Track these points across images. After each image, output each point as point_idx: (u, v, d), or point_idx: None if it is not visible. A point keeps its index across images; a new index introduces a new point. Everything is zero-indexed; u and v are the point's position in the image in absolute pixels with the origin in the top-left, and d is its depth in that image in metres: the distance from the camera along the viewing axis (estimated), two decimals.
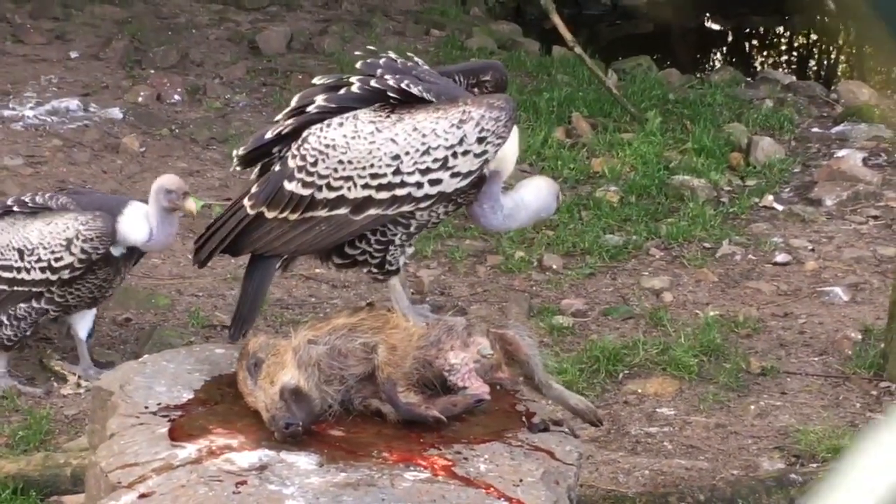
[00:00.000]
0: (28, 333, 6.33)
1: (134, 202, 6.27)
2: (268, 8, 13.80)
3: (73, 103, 10.52)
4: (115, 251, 6.13)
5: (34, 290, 6.18)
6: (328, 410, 4.09)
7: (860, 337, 7.28)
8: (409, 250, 4.76)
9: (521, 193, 4.65)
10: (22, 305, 6.22)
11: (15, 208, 6.25)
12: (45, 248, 6.11)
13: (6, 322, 6.26)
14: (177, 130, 10.09)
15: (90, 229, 6.05)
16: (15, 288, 6.20)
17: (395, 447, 3.99)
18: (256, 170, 4.66)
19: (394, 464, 3.89)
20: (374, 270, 4.57)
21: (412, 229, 4.51)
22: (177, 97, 11.00)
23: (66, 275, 6.11)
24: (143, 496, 3.66)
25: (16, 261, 6.17)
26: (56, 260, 6.09)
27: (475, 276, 8.16)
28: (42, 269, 6.13)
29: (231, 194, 9.15)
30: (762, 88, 12.35)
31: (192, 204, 6.13)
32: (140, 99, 10.85)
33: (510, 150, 4.51)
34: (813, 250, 8.71)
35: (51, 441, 5.92)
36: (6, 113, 10.32)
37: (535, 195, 4.66)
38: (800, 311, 7.74)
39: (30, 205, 6.22)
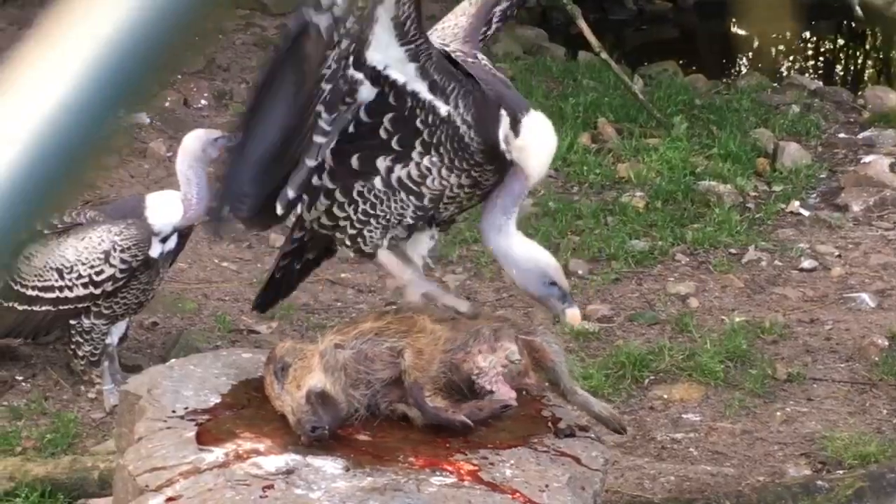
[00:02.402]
0: (108, 342, 6.35)
1: (148, 196, 6.29)
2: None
3: None
4: (154, 252, 6.14)
5: (79, 306, 6.20)
6: (354, 415, 4.10)
7: (887, 343, 7.26)
8: (430, 242, 4.64)
9: (533, 252, 4.31)
10: (84, 321, 6.25)
11: (45, 231, 6.27)
12: (83, 264, 6.12)
13: (80, 340, 6.29)
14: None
15: (126, 238, 6.07)
16: (60, 307, 6.22)
17: (422, 452, 3.99)
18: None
19: (420, 468, 3.90)
20: (348, 244, 4.32)
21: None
22: (203, 102, 11.04)
23: (109, 287, 6.13)
24: (170, 500, 3.68)
25: (56, 280, 6.19)
26: (97, 274, 6.11)
27: (501, 282, 8.16)
28: (84, 285, 6.15)
29: None
30: (789, 94, 12.33)
31: None
32: (167, 104, 10.88)
33: (541, 147, 4.23)
34: (839, 256, 8.69)
35: (78, 444, 5.95)
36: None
37: (532, 265, 4.27)
38: (826, 317, 7.72)
39: (59, 226, 6.24)
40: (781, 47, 16.69)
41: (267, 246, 8.45)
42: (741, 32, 16.70)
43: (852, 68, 16.86)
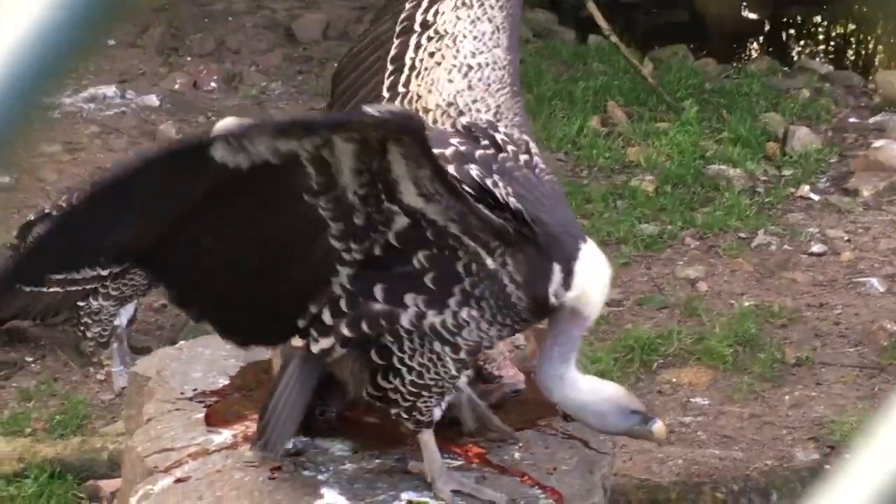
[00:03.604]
0: (116, 323, 6.36)
1: None
2: None
3: (111, 90, 10.56)
4: None
5: (87, 287, 6.21)
6: (362, 397, 4.10)
7: None
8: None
9: (600, 390, 3.79)
10: (92, 302, 6.25)
11: (53, 213, 6.28)
12: None
13: (88, 321, 6.30)
14: (213, 118, 10.10)
15: None
16: (68, 289, 6.23)
17: None
18: None
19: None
20: (404, 416, 3.70)
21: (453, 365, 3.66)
22: (213, 84, 11.03)
23: (116, 268, 6.14)
24: (179, 481, 3.69)
25: None
26: None
27: None
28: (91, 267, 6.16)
29: None
30: (799, 78, 12.28)
31: None
32: (177, 86, 10.88)
33: (597, 288, 3.76)
34: (849, 241, 8.67)
35: (87, 426, 5.96)
36: (44, 100, 10.36)
37: (606, 405, 3.75)
38: (835, 301, 7.71)
39: (67, 208, 6.23)
40: (792, 31, 16.64)
41: None
42: (752, 16, 16.66)
43: (863, 52, 16.80)
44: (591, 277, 3.70)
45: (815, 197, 9.45)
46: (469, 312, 3.54)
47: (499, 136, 3.69)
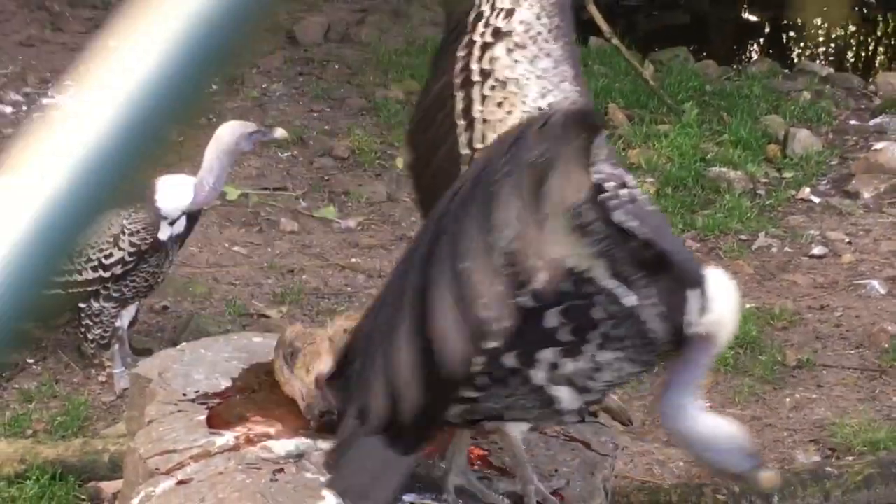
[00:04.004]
0: (118, 324, 6.36)
1: (158, 179, 6.29)
2: None
3: None
4: (163, 235, 6.14)
5: (89, 289, 6.21)
6: None
7: None
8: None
9: (722, 427, 3.68)
10: (93, 304, 6.26)
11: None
12: (92, 248, 6.13)
13: (90, 323, 6.30)
14: (214, 119, 10.09)
15: (134, 222, 6.08)
16: (70, 290, 6.23)
17: None
18: None
19: (430, 453, 3.90)
20: None
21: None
22: (214, 86, 11.01)
23: (118, 270, 6.14)
24: (181, 483, 3.69)
25: (65, 263, 6.19)
26: (106, 257, 6.12)
27: None
28: (94, 269, 6.16)
29: (267, 183, 9.19)
30: (800, 80, 12.29)
31: (283, 131, 6.30)
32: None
33: (731, 313, 3.59)
34: (850, 243, 8.67)
35: (89, 427, 5.96)
36: (45, 101, 10.37)
37: (728, 443, 3.61)
38: (836, 303, 7.71)
39: None
40: (792, 34, 16.65)
41: (277, 230, 8.46)
42: (752, 18, 16.66)
43: (863, 55, 16.81)
44: (723, 302, 3.56)
45: (816, 199, 9.46)
46: (607, 355, 3.43)
47: (598, 175, 3.36)
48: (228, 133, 6.08)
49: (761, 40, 16.31)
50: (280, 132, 6.32)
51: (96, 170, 1.08)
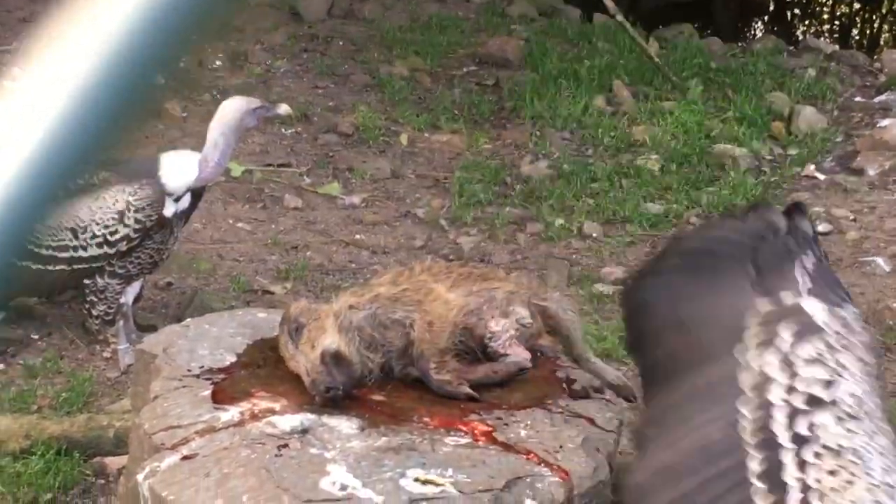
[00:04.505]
0: (122, 301, 6.36)
1: (162, 156, 6.28)
2: None
3: None
4: (168, 211, 6.14)
5: (94, 265, 6.21)
6: (369, 375, 4.11)
7: None
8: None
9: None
10: (98, 280, 6.26)
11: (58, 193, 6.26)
12: (97, 224, 6.13)
13: (94, 299, 6.30)
14: (218, 96, 10.09)
15: (140, 198, 6.07)
16: (74, 266, 6.23)
17: (436, 412, 4.00)
18: None
19: (434, 429, 3.91)
20: None
21: None
22: (218, 63, 11.01)
23: (123, 247, 6.14)
24: (185, 458, 3.70)
25: (70, 240, 6.21)
26: (111, 234, 6.12)
27: (515, 244, 8.16)
28: (99, 245, 6.16)
29: (271, 159, 9.18)
30: (805, 57, 12.26)
31: (287, 107, 6.25)
32: (181, 64, 10.86)
33: None
34: (854, 220, 8.66)
35: (94, 403, 5.97)
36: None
37: None
38: (841, 280, 7.69)
39: (72, 188, 6.22)
40: (797, 11, 16.60)
41: (281, 207, 8.46)
42: None
43: (869, 31, 16.77)
44: None
45: (821, 176, 9.44)
46: None
47: None
48: (232, 108, 6.06)
49: (766, 17, 16.27)
50: (284, 108, 6.29)
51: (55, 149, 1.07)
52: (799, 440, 3.28)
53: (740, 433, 3.24)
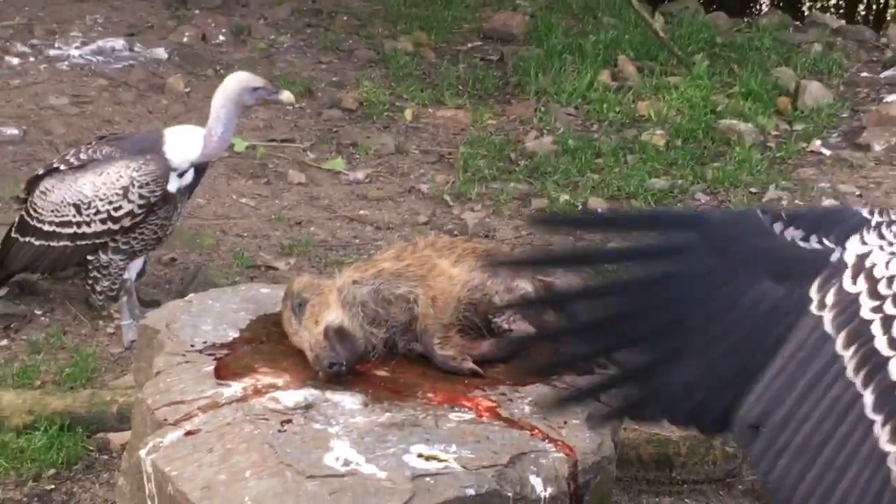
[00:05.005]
0: (125, 276, 6.35)
1: (166, 131, 6.26)
2: None
3: (119, 43, 10.52)
4: (172, 187, 6.12)
5: (97, 241, 6.20)
6: (372, 351, 4.10)
7: None
8: None
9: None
10: (101, 256, 6.24)
11: (61, 167, 6.25)
12: (101, 200, 6.12)
13: (98, 275, 6.29)
14: (222, 71, 10.07)
15: (144, 174, 6.05)
16: (77, 242, 6.22)
17: (440, 388, 3.99)
18: None
19: (438, 404, 3.89)
20: None
21: None
22: (221, 38, 10.98)
23: (127, 223, 6.12)
24: (189, 433, 3.68)
25: (73, 216, 6.19)
26: (115, 210, 6.10)
27: (520, 219, 8.14)
28: (102, 221, 6.14)
29: (275, 135, 9.16)
30: (811, 32, 12.23)
31: (290, 95, 6.17)
32: (185, 39, 10.84)
33: None
34: (860, 196, 8.64)
35: (97, 378, 5.96)
36: (52, 52, 10.33)
37: None
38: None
39: (76, 164, 6.22)
40: None
41: (285, 182, 8.44)
42: None
43: (875, 7, 16.71)
44: None
45: (827, 152, 9.42)
46: None
47: None
48: (234, 83, 6.03)
49: None
50: (286, 96, 6.19)
51: None
52: None
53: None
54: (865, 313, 2.81)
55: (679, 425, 3.40)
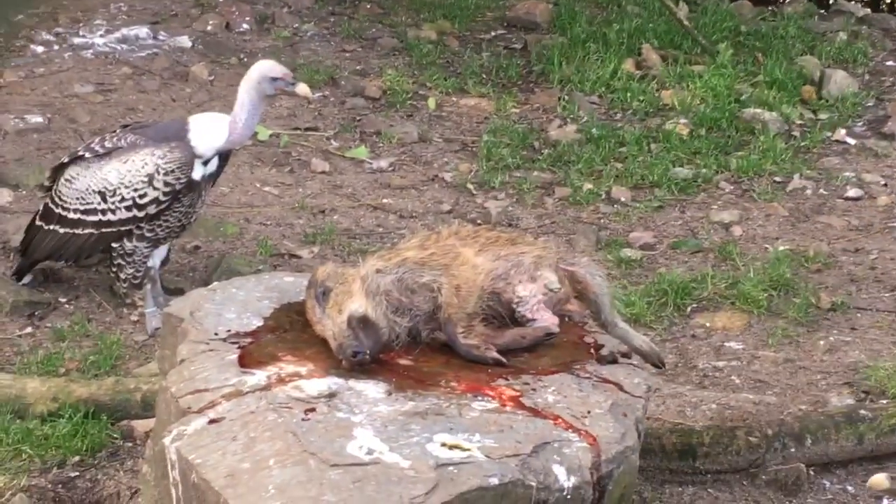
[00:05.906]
0: (150, 264, 6.36)
1: (191, 118, 6.26)
2: None
3: (143, 31, 10.53)
4: (197, 174, 6.12)
5: (122, 229, 6.21)
6: (396, 339, 4.10)
7: None
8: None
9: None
10: (126, 243, 6.26)
11: (86, 155, 6.27)
12: (126, 188, 6.13)
13: (122, 262, 6.30)
14: (245, 59, 10.07)
15: (169, 161, 6.06)
16: (102, 230, 6.24)
17: (464, 377, 3.99)
18: None
19: (462, 393, 3.89)
20: None
21: None
22: (245, 26, 10.98)
23: (152, 210, 6.13)
24: (212, 421, 3.69)
25: (99, 203, 6.20)
26: (141, 197, 6.11)
27: (543, 208, 8.13)
28: (128, 208, 6.16)
29: (298, 123, 9.16)
30: (836, 21, 12.15)
31: (306, 88, 6.15)
32: (209, 27, 10.84)
33: None
34: (885, 185, 8.61)
35: (121, 366, 5.98)
36: (77, 41, 10.35)
37: None
38: (871, 246, 7.66)
39: (100, 151, 6.23)
40: None
41: (308, 171, 8.44)
42: None
43: None
44: None
45: (852, 141, 9.38)
46: None
47: None
48: (256, 71, 6.04)
49: None
50: (302, 89, 6.15)
51: None
52: None
53: None
54: None
55: None
